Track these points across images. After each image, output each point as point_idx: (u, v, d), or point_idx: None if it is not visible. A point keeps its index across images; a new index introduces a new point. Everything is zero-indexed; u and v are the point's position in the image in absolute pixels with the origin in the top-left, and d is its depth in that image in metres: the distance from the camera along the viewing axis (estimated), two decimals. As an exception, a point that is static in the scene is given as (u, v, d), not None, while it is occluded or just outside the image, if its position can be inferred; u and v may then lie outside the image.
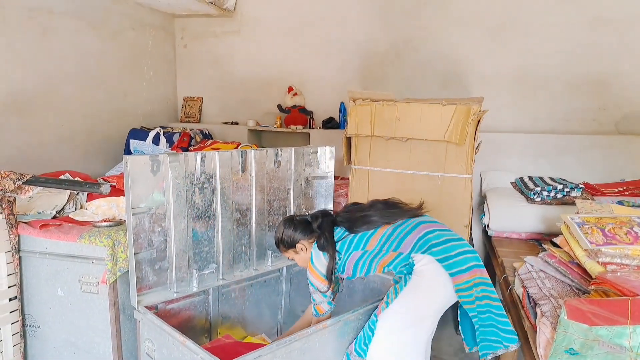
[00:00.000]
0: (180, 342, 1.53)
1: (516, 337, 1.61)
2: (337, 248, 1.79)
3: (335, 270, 1.81)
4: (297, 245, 1.88)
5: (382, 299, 1.75)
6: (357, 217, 1.81)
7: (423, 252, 1.65)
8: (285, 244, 1.90)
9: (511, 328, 1.62)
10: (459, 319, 1.75)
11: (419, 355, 1.69)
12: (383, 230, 1.76)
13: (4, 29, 2.59)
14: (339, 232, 1.83)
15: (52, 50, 2.90)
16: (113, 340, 1.86)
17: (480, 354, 1.62)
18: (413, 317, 1.67)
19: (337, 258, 1.79)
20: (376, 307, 1.79)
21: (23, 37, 2.70)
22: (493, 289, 1.65)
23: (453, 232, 1.73)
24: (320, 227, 1.85)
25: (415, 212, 1.82)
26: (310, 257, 1.83)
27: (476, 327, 1.61)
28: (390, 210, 1.82)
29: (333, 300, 1.92)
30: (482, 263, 1.66)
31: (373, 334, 1.69)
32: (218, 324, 2.12)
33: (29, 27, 2.73)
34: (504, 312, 1.63)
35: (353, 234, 1.79)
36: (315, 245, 1.83)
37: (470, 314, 1.61)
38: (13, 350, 1.89)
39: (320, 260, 1.81)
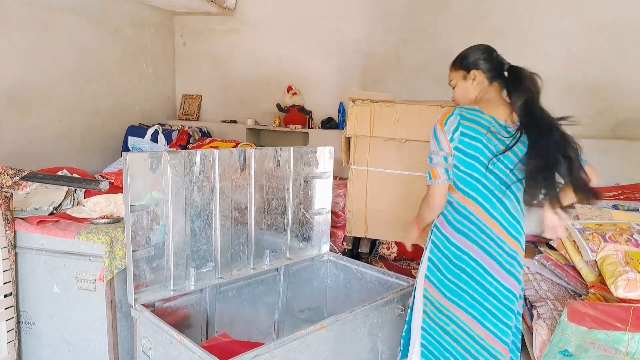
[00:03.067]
0: (178, 340, 1.52)
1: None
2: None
3: None
4: (472, 72, 1.63)
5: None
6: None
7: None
8: (462, 62, 1.66)
9: None
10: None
11: None
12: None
13: (3, 24, 2.57)
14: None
15: (51, 46, 2.89)
16: (109, 338, 1.85)
17: None
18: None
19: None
20: (374, 306, 1.80)
21: (22, 33, 2.69)
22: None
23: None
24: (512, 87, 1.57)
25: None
26: (448, 116, 1.55)
27: None
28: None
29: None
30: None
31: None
32: (215, 323, 2.11)
33: (28, 23, 2.72)
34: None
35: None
36: (462, 110, 1.53)
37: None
38: (7, 347, 1.88)
39: (451, 126, 1.52)
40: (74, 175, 2.21)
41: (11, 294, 1.87)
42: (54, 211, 2.05)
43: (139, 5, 3.62)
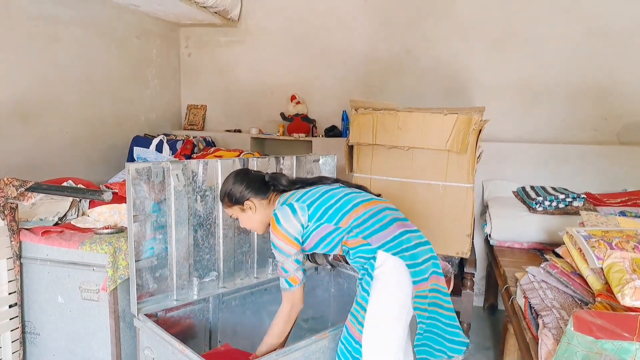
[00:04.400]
0: (180, 351, 1.52)
1: (463, 348, 1.56)
2: (309, 213, 1.63)
3: None
4: (246, 203, 1.71)
5: (350, 315, 1.59)
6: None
7: (394, 254, 1.52)
8: (231, 199, 1.72)
9: (460, 339, 1.57)
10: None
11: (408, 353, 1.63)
12: (359, 212, 1.61)
13: (11, 37, 2.62)
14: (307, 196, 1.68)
15: (57, 57, 2.93)
16: (112, 348, 1.85)
17: (417, 357, 1.58)
18: (389, 327, 1.54)
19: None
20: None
21: (30, 45, 2.73)
22: (448, 298, 1.59)
23: (419, 231, 1.64)
24: (284, 186, 1.74)
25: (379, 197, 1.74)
26: (275, 219, 1.63)
27: (420, 332, 1.55)
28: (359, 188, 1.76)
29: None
30: (440, 270, 1.59)
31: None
32: (218, 332, 2.11)
33: (35, 35, 2.76)
34: (455, 323, 1.58)
35: (325, 206, 1.63)
36: (285, 204, 1.66)
37: (418, 320, 1.55)
38: (12, 357, 1.88)
39: (290, 221, 1.62)
40: (79, 185, 2.23)
41: (16, 304, 1.89)
42: (59, 222, 2.07)
43: (145, 17, 3.67)
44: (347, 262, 1.95)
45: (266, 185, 1.76)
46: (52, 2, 2.84)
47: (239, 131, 4.00)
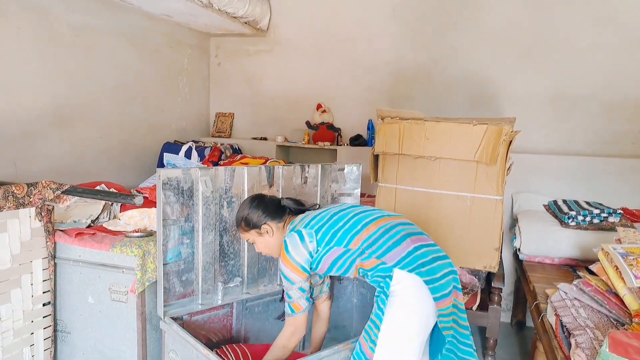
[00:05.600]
0: (204, 355, 1.54)
1: None
2: (317, 238, 1.63)
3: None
4: (263, 227, 1.73)
5: (363, 332, 1.58)
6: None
7: (410, 271, 1.49)
8: (249, 224, 1.74)
9: (472, 359, 1.54)
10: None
11: None
12: (370, 231, 1.59)
13: (52, 46, 2.74)
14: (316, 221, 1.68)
15: (93, 66, 3.05)
16: (139, 350, 1.89)
17: None
18: (403, 348, 1.51)
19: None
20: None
21: (68, 54, 2.86)
22: (465, 315, 1.57)
23: (435, 244, 1.61)
24: (298, 208, 1.77)
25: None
26: (285, 246, 1.64)
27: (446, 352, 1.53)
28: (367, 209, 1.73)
29: (312, 296, 1.78)
30: (459, 285, 1.57)
31: None
32: (242, 338, 2.12)
33: (74, 45, 2.88)
34: (470, 342, 1.55)
35: (334, 229, 1.63)
36: (293, 230, 1.66)
37: (447, 339, 1.51)
38: (44, 354, 1.94)
39: (298, 249, 1.62)
40: (111, 189, 2.30)
41: (49, 302, 1.95)
42: (92, 224, 2.13)
43: (177, 27, 3.78)
44: None
45: (282, 209, 1.79)
46: (89, 13, 2.97)
47: (265, 139, 4.05)
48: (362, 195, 2.56)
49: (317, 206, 1.88)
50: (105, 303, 1.92)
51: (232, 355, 1.89)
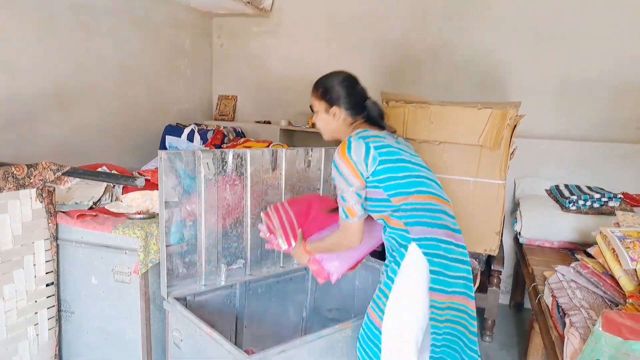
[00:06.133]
0: (207, 333, 1.56)
1: None
2: (376, 168, 1.54)
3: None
4: (334, 108, 1.64)
5: (372, 302, 1.59)
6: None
7: (425, 254, 1.49)
8: (326, 95, 1.65)
9: None
10: None
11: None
12: (418, 199, 1.54)
13: (52, 27, 2.71)
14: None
15: (94, 47, 3.02)
16: (142, 329, 1.92)
17: None
18: (410, 316, 1.53)
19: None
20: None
21: (69, 35, 2.83)
22: (475, 323, 1.56)
23: (464, 247, 1.57)
24: (375, 120, 1.66)
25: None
26: (348, 145, 1.55)
27: (435, 344, 1.53)
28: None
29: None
30: (473, 294, 1.55)
31: (379, 350, 1.54)
32: (245, 318, 2.15)
33: (74, 24, 2.85)
34: (476, 348, 1.54)
35: (392, 174, 1.55)
36: (364, 139, 1.55)
37: (431, 330, 1.52)
38: (49, 333, 1.98)
39: (360, 156, 1.53)
40: (112, 171, 2.30)
41: (53, 283, 1.97)
42: (94, 206, 2.14)
43: (179, 7, 3.73)
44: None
45: (362, 108, 1.67)
46: (91, -7, 2.93)
47: (269, 122, 4.03)
48: (364, 178, 2.56)
49: (395, 135, 1.74)
50: (109, 283, 1.94)
51: (276, 217, 1.87)
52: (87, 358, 2.06)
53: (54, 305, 1.99)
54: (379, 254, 2.72)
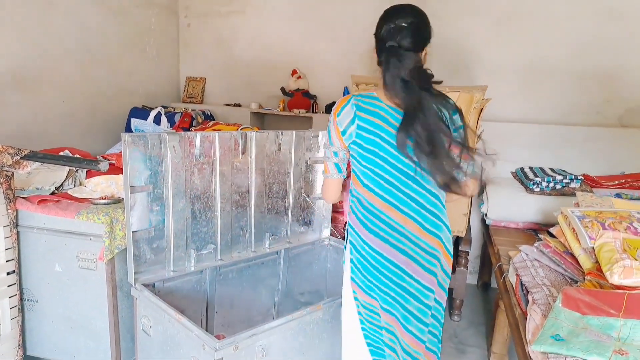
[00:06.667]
0: (176, 319, 1.54)
1: None
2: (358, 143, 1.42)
3: None
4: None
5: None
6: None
7: (352, 268, 1.48)
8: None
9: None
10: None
11: None
12: (378, 206, 1.41)
13: (4, 1, 2.56)
14: None
15: (52, 25, 2.87)
16: (110, 317, 1.88)
17: None
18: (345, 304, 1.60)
19: None
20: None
21: (24, 11, 2.68)
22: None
23: (416, 281, 1.40)
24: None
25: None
26: (342, 106, 1.46)
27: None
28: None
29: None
30: (444, 287, 1.45)
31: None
32: (215, 304, 2.14)
33: (31, 1, 2.70)
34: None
35: (367, 165, 1.43)
36: (359, 98, 1.43)
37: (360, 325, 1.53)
38: (11, 323, 1.91)
39: (345, 120, 1.43)
40: (75, 155, 2.22)
41: (14, 271, 1.90)
42: (56, 191, 2.07)
43: (143, -15, 3.59)
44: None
45: (380, 55, 1.44)
46: (48, -33, 2.78)
47: (239, 105, 3.96)
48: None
49: (416, 108, 1.35)
50: (74, 271, 1.89)
51: None
52: (53, 348, 2.02)
53: (15, 294, 1.92)
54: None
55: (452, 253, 1.49)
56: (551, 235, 2.02)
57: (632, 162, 2.95)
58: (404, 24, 1.38)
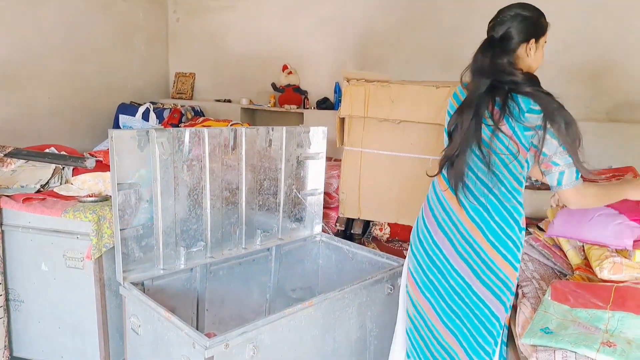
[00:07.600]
0: (165, 318, 1.52)
1: None
2: None
3: None
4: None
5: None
6: None
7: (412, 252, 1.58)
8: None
9: None
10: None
11: None
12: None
13: (-13, -4, 2.51)
14: None
15: (39, 20, 2.82)
16: (98, 316, 1.85)
17: None
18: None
19: None
20: (363, 285, 1.80)
21: (10, 6, 2.62)
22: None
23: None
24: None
25: None
26: None
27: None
28: None
29: None
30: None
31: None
32: (206, 301, 2.12)
33: (14, -5, 2.65)
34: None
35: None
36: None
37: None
38: (-3, 323, 1.88)
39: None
40: (61, 153, 2.18)
41: (-1, 271, 1.87)
42: (41, 189, 2.03)
43: (130, -21, 3.53)
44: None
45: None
46: (32, -40, 2.72)
47: (229, 101, 3.93)
48: (328, 159, 2.56)
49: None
50: (61, 270, 1.86)
51: None
52: (40, 348, 1.98)
53: (1, 295, 1.89)
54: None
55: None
56: (540, 229, 2.02)
57: (620, 157, 2.98)
58: None
